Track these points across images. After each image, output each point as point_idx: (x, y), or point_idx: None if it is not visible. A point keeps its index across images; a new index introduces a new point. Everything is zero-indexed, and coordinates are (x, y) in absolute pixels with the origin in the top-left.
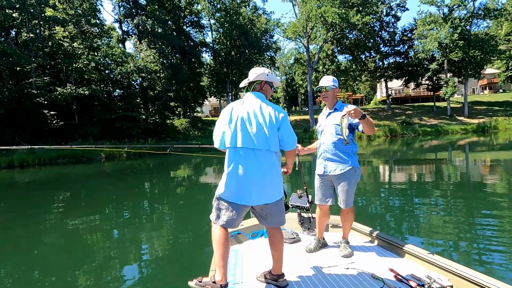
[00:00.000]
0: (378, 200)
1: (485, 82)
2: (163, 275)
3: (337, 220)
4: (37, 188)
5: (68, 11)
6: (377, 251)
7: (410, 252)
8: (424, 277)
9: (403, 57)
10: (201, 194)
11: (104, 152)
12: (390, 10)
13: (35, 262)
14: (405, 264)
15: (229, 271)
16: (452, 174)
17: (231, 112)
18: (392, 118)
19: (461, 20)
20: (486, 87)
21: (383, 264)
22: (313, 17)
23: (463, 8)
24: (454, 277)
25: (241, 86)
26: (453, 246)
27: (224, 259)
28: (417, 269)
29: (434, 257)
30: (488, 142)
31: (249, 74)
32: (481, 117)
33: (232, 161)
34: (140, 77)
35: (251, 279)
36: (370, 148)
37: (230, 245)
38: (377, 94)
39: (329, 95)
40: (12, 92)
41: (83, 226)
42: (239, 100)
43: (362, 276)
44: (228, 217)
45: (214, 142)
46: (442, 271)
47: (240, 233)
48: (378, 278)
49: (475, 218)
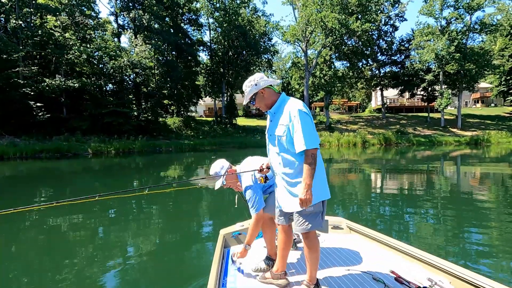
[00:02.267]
0: (379, 204)
1: (478, 96)
2: (165, 278)
3: (337, 221)
4: (18, 182)
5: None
6: (378, 252)
7: (412, 254)
8: (425, 280)
9: (400, 67)
10: (190, 194)
11: (91, 147)
12: (388, 19)
13: (13, 261)
14: (406, 266)
15: (230, 271)
16: (451, 183)
17: (309, 114)
18: (386, 126)
19: (458, 33)
20: (479, 100)
21: (384, 266)
22: (313, 22)
23: (460, 21)
24: (456, 280)
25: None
26: (454, 249)
27: None
28: (418, 272)
29: (436, 260)
30: (480, 155)
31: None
32: (474, 130)
33: (320, 159)
34: (133, 73)
35: (251, 279)
36: (364, 156)
37: (231, 245)
38: (372, 102)
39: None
40: None
41: (66, 224)
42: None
43: (363, 278)
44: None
45: (315, 142)
46: (444, 273)
47: (241, 234)
48: (379, 280)
49: (477, 222)
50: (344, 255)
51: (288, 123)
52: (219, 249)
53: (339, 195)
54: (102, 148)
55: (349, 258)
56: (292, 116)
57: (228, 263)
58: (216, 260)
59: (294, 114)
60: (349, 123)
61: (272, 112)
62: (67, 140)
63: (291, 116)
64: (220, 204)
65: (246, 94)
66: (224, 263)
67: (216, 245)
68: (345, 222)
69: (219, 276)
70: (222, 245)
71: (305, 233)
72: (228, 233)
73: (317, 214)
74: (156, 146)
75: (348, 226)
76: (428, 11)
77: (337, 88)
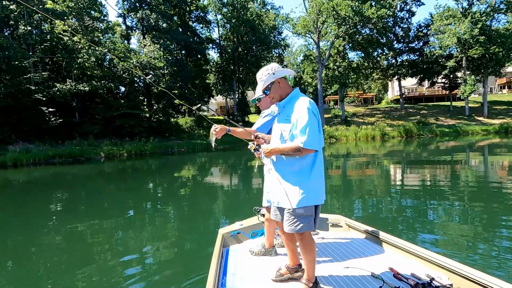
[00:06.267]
0: (378, 200)
1: (504, 81)
2: (165, 278)
3: (337, 219)
4: (32, 188)
5: (68, 3)
6: (376, 249)
7: (410, 250)
8: (424, 276)
9: (418, 54)
10: (206, 195)
11: (103, 150)
12: (404, 4)
13: (32, 265)
14: (405, 263)
15: (229, 270)
16: (466, 176)
17: (317, 114)
18: (406, 118)
19: (482, 15)
20: (505, 86)
21: (383, 263)
22: (325, 11)
23: (483, 1)
24: (454, 276)
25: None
26: (453, 244)
27: None
28: (417, 268)
29: (434, 256)
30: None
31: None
32: (502, 117)
33: (321, 163)
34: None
35: (251, 278)
36: (384, 149)
37: (230, 245)
38: (389, 93)
39: (262, 105)
40: (8, 87)
41: (82, 228)
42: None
43: (362, 275)
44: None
45: (314, 144)
46: (442, 269)
47: (240, 233)
48: (378, 277)
49: (475, 218)
50: (343, 253)
51: (295, 119)
52: (218, 248)
53: (351, 193)
54: (114, 151)
55: (348, 255)
56: (300, 114)
57: (227, 262)
58: (215, 260)
59: (302, 111)
60: (366, 116)
61: (282, 105)
62: (79, 144)
63: (299, 113)
64: (220, 203)
65: (263, 83)
66: (223, 263)
67: (215, 245)
68: (344, 220)
69: (218, 275)
70: (221, 245)
71: (299, 234)
72: (227, 233)
73: (308, 217)
74: (168, 147)
75: (347, 224)
76: None
77: (351, 79)
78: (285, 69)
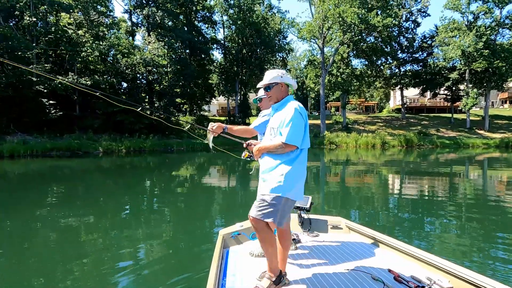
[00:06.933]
0: (379, 205)
1: (506, 96)
2: (146, 275)
3: (337, 221)
4: (29, 180)
5: None
6: (376, 252)
7: (410, 253)
8: (424, 279)
9: (421, 65)
10: (205, 195)
11: (102, 145)
12: (410, 15)
13: (26, 258)
14: (405, 265)
15: (229, 271)
16: (475, 188)
17: (305, 117)
18: (407, 127)
19: (487, 29)
20: (507, 100)
21: (383, 265)
22: (331, 17)
23: (489, 16)
24: (454, 279)
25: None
26: (453, 247)
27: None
28: (417, 271)
29: (434, 258)
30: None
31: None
32: (503, 132)
33: (303, 162)
34: (146, 71)
35: (251, 279)
36: (383, 157)
37: (230, 246)
38: (390, 102)
39: (263, 105)
40: (9, 77)
41: (78, 223)
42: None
43: (362, 277)
44: (287, 217)
45: (296, 140)
46: (442, 272)
47: (240, 234)
48: (378, 279)
49: (476, 222)
50: (343, 255)
51: (283, 118)
52: (218, 249)
53: (349, 198)
54: (113, 147)
55: (348, 257)
56: (287, 113)
57: (227, 263)
58: (216, 261)
59: (290, 111)
60: (366, 124)
61: (275, 108)
62: (78, 138)
63: (287, 113)
64: (220, 204)
65: (269, 79)
66: (223, 264)
67: (216, 246)
68: (344, 222)
69: (218, 276)
70: (222, 246)
71: (256, 221)
72: (227, 234)
73: (273, 206)
74: (168, 145)
75: (347, 226)
76: (454, 5)
77: (354, 87)
78: (293, 80)
